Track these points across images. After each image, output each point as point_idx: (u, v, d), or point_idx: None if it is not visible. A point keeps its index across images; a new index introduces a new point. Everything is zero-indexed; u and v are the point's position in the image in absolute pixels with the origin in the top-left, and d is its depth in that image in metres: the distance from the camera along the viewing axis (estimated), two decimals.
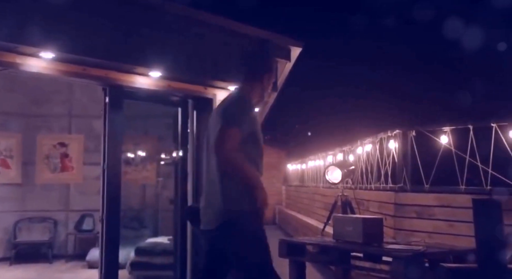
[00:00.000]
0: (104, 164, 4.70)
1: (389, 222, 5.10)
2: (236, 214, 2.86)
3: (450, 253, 3.59)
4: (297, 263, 4.11)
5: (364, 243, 3.64)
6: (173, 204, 5.82)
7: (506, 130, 4.48)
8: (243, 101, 2.98)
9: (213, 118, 3.06)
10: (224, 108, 2.99)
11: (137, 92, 4.95)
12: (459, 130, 4.82)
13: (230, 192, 2.88)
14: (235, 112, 2.87)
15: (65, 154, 8.04)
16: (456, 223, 4.64)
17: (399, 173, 5.25)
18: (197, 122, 5.61)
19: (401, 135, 5.28)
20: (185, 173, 5.60)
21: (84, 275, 6.64)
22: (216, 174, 2.92)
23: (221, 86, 5.54)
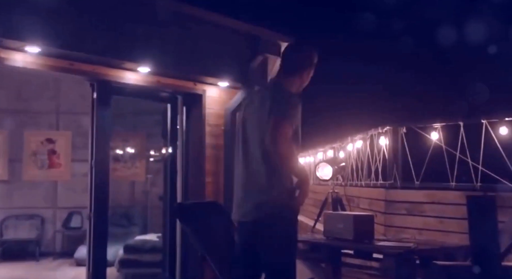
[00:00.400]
0: (92, 161, 4.63)
1: (379, 218, 5.08)
2: (278, 210, 2.84)
3: (441, 250, 3.57)
4: None
5: (354, 240, 3.60)
6: (162, 201, 5.77)
7: (496, 127, 4.48)
8: (292, 96, 2.91)
9: (255, 108, 2.98)
10: (273, 101, 2.86)
11: (125, 87, 4.89)
12: (450, 127, 4.82)
13: (277, 187, 2.86)
14: (287, 108, 2.81)
15: (53, 151, 7.94)
16: (446, 220, 4.64)
17: (390, 170, 5.24)
18: (187, 118, 5.56)
19: (392, 131, 5.26)
20: (174, 170, 5.55)
21: (71, 273, 6.57)
22: (262, 166, 2.88)
23: (211, 82, 5.50)
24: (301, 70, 3.05)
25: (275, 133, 2.73)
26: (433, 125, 4.93)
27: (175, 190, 5.50)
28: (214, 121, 5.60)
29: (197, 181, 5.44)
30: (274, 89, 2.99)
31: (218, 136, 5.61)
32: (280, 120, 2.76)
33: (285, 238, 2.87)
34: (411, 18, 9.65)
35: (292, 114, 2.82)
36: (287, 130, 2.75)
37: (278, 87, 3.00)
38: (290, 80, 3.04)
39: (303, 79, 3.09)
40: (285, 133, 2.74)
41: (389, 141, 5.26)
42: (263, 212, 2.87)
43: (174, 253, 5.41)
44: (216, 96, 5.63)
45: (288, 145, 2.75)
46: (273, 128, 2.75)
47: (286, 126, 2.76)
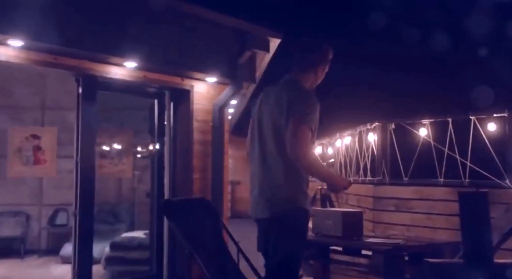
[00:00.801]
0: (77, 157, 4.56)
1: (368, 215, 5.07)
2: (291, 208, 2.84)
3: (429, 247, 3.57)
4: None
5: (343, 237, 3.59)
6: (150, 197, 5.71)
7: (484, 123, 4.48)
8: (310, 95, 2.89)
9: (270, 104, 2.96)
10: (290, 100, 2.83)
11: (111, 83, 4.81)
12: (438, 123, 4.81)
13: (292, 186, 2.85)
14: (305, 109, 2.78)
15: (38, 147, 7.82)
16: (434, 216, 4.64)
17: (378, 166, 5.23)
18: (174, 114, 5.50)
19: (380, 127, 5.25)
20: (162, 166, 5.49)
21: (57, 271, 6.48)
22: (278, 164, 2.87)
23: (199, 78, 5.44)
24: (316, 66, 3.04)
25: (294, 141, 2.71)
26: (421, 121, 4.93)
27: (163, 187, 5.44)
28: (202, 117, 5.54)
29: (184, 178, 5.39)
30: (290, 87, 2.95)
31: (206, 132, 5.56)
32: (298, 125, 2.73)
33: (293, 238, 2.87)
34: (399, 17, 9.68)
35: (311, 115, 2.78)
36: (306, 135, 2.73)
37: (294, 84, 2.96)
38: (305, 76, 3.02)
39: (318, 75, 3.08)
40: (305, 139, 2.72)
41: (377, 137, 5.25)
42: (277, 209, 2.86)
43: (161, 250, 5.35)
44: (204, 92, 5.58)
45: (308, 151, 2.73)
46: (292, 135, 2.73)
47: (305, 130, 2.73)
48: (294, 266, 2.89)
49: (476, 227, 1.62)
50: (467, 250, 1.68)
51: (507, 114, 4.36)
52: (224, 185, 5.60)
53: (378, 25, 8.78)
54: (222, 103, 5.49)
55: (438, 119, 4.80)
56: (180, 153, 5.45)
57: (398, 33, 8.59)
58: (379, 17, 8.70)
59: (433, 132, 4.84)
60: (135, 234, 6.42)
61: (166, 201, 4.41)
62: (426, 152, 4.80)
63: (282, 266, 2.87)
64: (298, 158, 2.71)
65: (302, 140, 2.70)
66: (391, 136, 5.15)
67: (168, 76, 5.23)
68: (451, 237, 4.36)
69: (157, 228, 5.39)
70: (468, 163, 4.53)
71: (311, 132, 2.77)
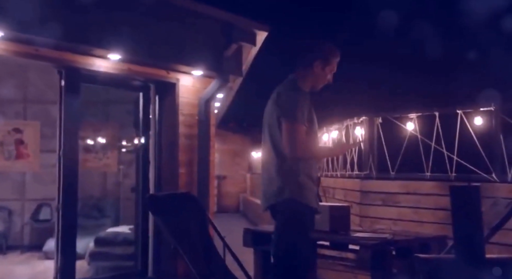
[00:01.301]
0: (60, 151, 4.48)
1: (354, 209, 5.06)
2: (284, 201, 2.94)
3: (417, 241, 3.55)
4: (262, 252, 4.00)
5: (331, 231, 3.55)
6: (135, 192, 5.64)
7: (471, 117, 4.48)
8: (297, 91, 2.97)
9: (269, 105, 3.08)
10: (281, 99, 2.96)
11: (95, 75, 4.72)
12: (425, 117, 4.81)
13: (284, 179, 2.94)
14: (293, 107, 2.87)
15: (21, 141, 7.68)
16: (421, 210, 4.64)
17: (365, 160, 5.22)
18: (160, 108, 5.44)
19: (368, 122, 5.23)
20: (147, 160, 5.43)
21: (40, 267, 6.37)
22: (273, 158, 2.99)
23: (185, 71, 5.37)
24: (312, 64, 3.06)
25: (288, 141, 2.85)
26: (408, 115, 4.91)
27: (148, 181, 5.38)
28: (187, 110, 5.48)
29: (170, 172, 5.33)
30: (285, 86, 3.04)
31: (192, 126, 5.50)
32: (287, 124, 2.85)
33: (286, 231, 2.96)
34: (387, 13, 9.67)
35: (299, 111, 2.86)
36: (297, 133, 2.84)
37: (290, 83, 3.05)
38: (303, 75, 3.07)
39: (316, 73, 3.08)
40: (299, 137, 2.84)
41: (364, 131, 5.23)
42: (270, 202, 3.01)
43: (146, 245, 5.30)
44: (189, 85, 5.51)
45: (304, 146, 2.86)
46: (285, 134, 2.86)
47: (298, 128, 2.85)
48: (292, 261, 2.92)
49: (467, 221, 1.59)
50: (459, 245, 1.66)
51: (493, 108, 4.36)
52: (210, 179, 5.55)
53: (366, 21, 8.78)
54: (208, 96, 5.43)
55: (425, 113, 4.79)
56: (166, 147, 5.39)
57: (386, 29, 8.60)
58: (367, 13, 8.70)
59: (420, 126, 4.83)
60: (120, 229, 6.33)
61: (151, 196, 4.34)
62: (413, 146, 4.79)
63: (279, 259, 2.96)
64: (296, 157, 2.85)
65: (295, 138, 2.82)
66: (378, 130, 5.13)
67: (153, 69, 5.16)
68: (438, 231, 4.37)
69: (142, 223, 5.33)
70: (455, 157, 4.52)
71: (304, 126, 2.86)
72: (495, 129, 4.32)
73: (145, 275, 5.28)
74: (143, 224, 5.32)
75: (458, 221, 1.66)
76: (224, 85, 5.48)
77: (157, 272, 5.22)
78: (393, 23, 8.19)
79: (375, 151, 5.15)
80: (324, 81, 3.14)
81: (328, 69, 3.10)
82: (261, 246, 3.96)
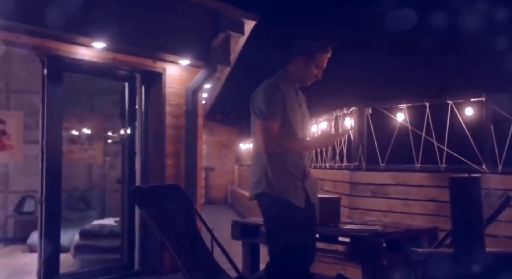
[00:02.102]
0: (43, 142, 4.37)
1: (344, 201, 5.00)
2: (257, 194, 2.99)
3: (407, 233, 3.51)
4: (250, 245, 3.94)
5: (321, 223, 3.49)
6: (121, 184, 5.54)
7: (462, 107, 4.44)
8: (269, 87, 2.97)
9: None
10: (254, 96, 3.00)
11: (79, 64, 4.60)
12: (416, 108, 4.75)
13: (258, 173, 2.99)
14: (263, 103, 2.90)
15: (3, 132, 7.51)
16: (411, 202, 4.60)
17: (355, 151, 5.16)
18: (146, 98, 5.34)
19: (357, 112, 5.17)
20: (133, 151, 5.33)
21: (23, 260, 6.26)
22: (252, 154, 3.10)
23: (171, 60, 5.27)
24: (294, 58, 3.05)
25: (259, 137, 2.90)
26: (398, 106, 4.85)
27: (134, 173, 5.29)
28: (174, 100, 5.39)
29: (157, 163, 5.25)
30: (266, 81, 3.04)
31: (179, 117, 5.41)
32: (260, 121, 2.89)
33: (266, 223, 3.05)
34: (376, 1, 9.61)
35: (272, 107, 2.88)
36: (270, 129, 2.87)
37: (270, 79, 3.04)
38: (288, 70, 3.07)
39: (300, 69, 3.05)
40: (270, 133, 2.87)
41: (354, 122, 5.17)
42: (251, 195, 3.07)
43: (133, 238, 5.21)
44: (176, 75, 5.42)
45: (277, 141, 2.88)
46: (257, 131, 2.91)
47: (269, 124, 2.87)
48: (280, 254, 2.91)
49: (467, 214, 1.53)
50: (458, 238, 1.60)
51: (484, 99, 4.32)
52: (197, 171, 5.47)
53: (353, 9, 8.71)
54: (195, 86, 5.34)
55: (416, 104, 4.73)
56: (152, 138, 5.30)
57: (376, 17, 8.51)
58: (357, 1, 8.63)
59: (410, 117, 4.77)
60: (105, 222, 6.23)
61: (136, 188, 4.24)
62: (403, 137, 4.74)
63: (270, 252, 2.98)
64: (269, 152, 2.89)
65: (265, 134, 2.86)
66: (368, 121, 5.07)
67: (139, 58, 5.06)
68: (428, 222, 4.33)
69: (129, 216, 5.25)
70: (445, 148, 4.48)
71: (276, 121, 2.88)
72: (486, 120, 4.28)
73: (131, 268, 5.20)
74: (129, 216, 5.24)
75: (457, 214, 1.60)
76: (212, 75, 5.39)
77: (144, 265, 5.14)
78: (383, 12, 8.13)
79: (364, 142, 5.09)
80: (311, 76, 3.10)
81: (314, 64, 3.05)
82: (250, 239, 3.91)
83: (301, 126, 3.06)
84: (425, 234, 3.54)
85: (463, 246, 1.52)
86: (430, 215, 4.40)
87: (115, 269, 5.12)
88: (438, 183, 4.40)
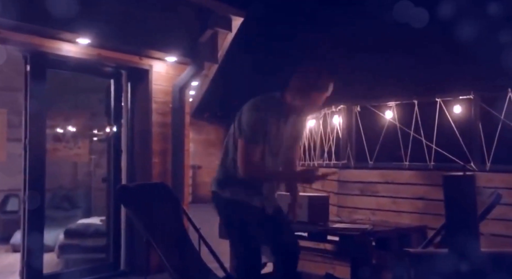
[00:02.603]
0: (26, 140, 4.27)
1: (332, 199, 4.97)
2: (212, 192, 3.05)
3: (397, 232, 3.48)
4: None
5: (309, 222, 3.46)
6: (106, 182, 5.45)
7: (450, 105, 4.43)
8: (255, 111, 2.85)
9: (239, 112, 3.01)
10: (241, 116, 2.90)
11: (63, 60, 4.51)
12: (404, 105, 4.74)
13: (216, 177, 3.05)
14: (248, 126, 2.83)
15: None
16: (399, 200, 4.59)
17: (343, 149, 5.14)
18: (132, 95, 5.26)
19: (346, 110, 5.14)
20: (119, 149, 5.25)
21: (7, 260, 6.14)
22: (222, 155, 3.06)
23: (158, 57, 5.20)
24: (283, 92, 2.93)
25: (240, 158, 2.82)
26: (387, 104, 4.83)
27: (120, 171, 5.21)
28: (161, 98, 5.32)
29: (143, 162, 5.18)
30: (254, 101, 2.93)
31: (165, 114, 5.33)
32: (243, 144, 2.82)
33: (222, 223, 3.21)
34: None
35: (249, 130, 2.80)
36: (245, 150, 2.80)
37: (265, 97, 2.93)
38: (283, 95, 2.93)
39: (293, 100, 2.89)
40: (244, 154, 2.80)
41: (343, 120, 5.14)
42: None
43: (118, 237, 5.14)
44: (163, 72, 5.35)
45: (255, 167, 2.81)
46: (239, 152, 2.83)
47: (244, 146, 2.80)
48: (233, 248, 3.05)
49: (461, 212, 1.49)
50: (452, 237, 1.56)
51: (472, 96, 4.31)
52: (184, 169, 5.40)
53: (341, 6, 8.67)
54: (182, 83, 5.27)
55: (404, 102, 4.72)
56: (138, 136, 5.23)
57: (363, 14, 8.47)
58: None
59: (399, 114, 4.76)
60: (91, 221, 6.14)
61: (122, 186, 4.16)
62: (392, 135, 4.72)
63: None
64: (244, 175, 2.83)
65: (245, 157, 2.80)
66: (357, 118, 5.05)
67: (125, 55, 4.97)
68: (416, 221, 4.32)
69: (114, 215, 5.16)
70: (434, 146, 4.47)
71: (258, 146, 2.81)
72: (474, 118, 4.28)
73: (117, 268, 5.12)
74: (115, 215, 5.15)
75: (451, 212, 1.56)
76: (199, 72, 5.32)
77: (130, 265, 5.07)
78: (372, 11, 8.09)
79: (353, 140, 5.07)
80: (308, 110, 2.99)
81: (309, 102, 2.89)
82: None
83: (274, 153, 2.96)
84: (414, 232, 3.51)
85: (458, 245, 1.49)
86: (418, 213, 4.39)
87: (101, 268, 5.03)
88: (427, 181, 4.39)
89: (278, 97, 2.93)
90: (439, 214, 4.25)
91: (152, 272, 4.51)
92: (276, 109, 2.89)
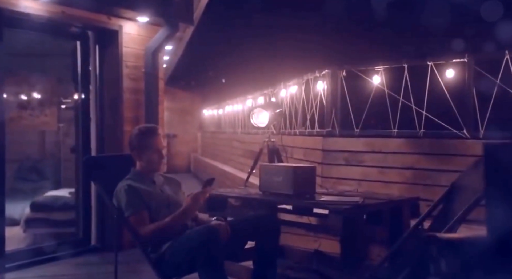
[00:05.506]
0: None
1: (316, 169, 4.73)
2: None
3: (389, 204, 3.25)
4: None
5: (295, 195, 3.18)
6: (75, 153, 5.10)
7: (442, 69, 4.17)
8: (125, 189, 2.93)
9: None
10: (114, 193, 2.97)
11: (21, 18, 4.07)
12: (393, 69, 4.45)
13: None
14: (126, 204, 2.89)
15: None
16: (387, 170, 4.36)
17: (327, 116, 4.86)
18: (100, 59, 4.88)
19: (330, 75, 4.84)
20: (88, 118, 4.88)
21: None
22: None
23: (128, 16, 4.80)
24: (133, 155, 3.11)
25: (132, 231, 2.87)
26: (375, 68, 4.55)
27: (89, 141, 4.86)
28: (132, 62, 4.94)
29: (114, 130, 4.84)
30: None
31: (137, 79, 4.97)
32: (130, 219, 2.87)
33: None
34: None
35: (134, 206, 2.87)
36: (140, 221, 2.86)
37: (125, 179, 3.04)
38: (135, 167, 3.13)
39: (143, 163, 3.09)
40: (142, 224, 2.85)
41: (327, 86, 4.85)
42: None
43: (89, 211, 4.83)
44: (134, 33, 4.95)
45: (151, 229, 2.83)
46: (128, 227, 2.90)
47: (138, 218, 2.86)
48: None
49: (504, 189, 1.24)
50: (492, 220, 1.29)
51: (467, 59, 4.05)
52: None
53: None
54: (155, 46, 4.88)
55: (393, 65, 4.43)
56: (109, 103, 4.87)
57: None
58: None
59: (388, 79, 4.48)
60: (59, 193, 5.79)
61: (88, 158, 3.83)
62: (380, 101, 4.45)
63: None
64: (150, 240, 2.85)
65: (138, 228, 2.85)
66: (342, 84, 4.75)
67: (92, 13, 4.56)
68: (405, 191, 4.11)
69: (84, 187, 4.84)
70: (424, 112, 4.23)
71: (142, 213, 2.88)
72: (468, 82, 4.03)
73: (88, 243, 4.82)
74: (84, 187, 4.83)
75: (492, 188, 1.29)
76: (173, 34, 4.93)
77: (101, 240, 4.78)
78: None
79: (338, 107, 4.79)
80: (156, 162, 3.10)
81: (150, 152, 3.06)
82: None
83: (166, 208, 2.99)
84: (407, 204, 3.28)
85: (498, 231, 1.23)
86: (407, 184, 4.18)
87: (70, 244, 4.72)
88: (417, 149, 4.16)
89: (133, 172, 3.08)
90: (429, 185, 4.04)
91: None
92: (142, 177, 3.07)
